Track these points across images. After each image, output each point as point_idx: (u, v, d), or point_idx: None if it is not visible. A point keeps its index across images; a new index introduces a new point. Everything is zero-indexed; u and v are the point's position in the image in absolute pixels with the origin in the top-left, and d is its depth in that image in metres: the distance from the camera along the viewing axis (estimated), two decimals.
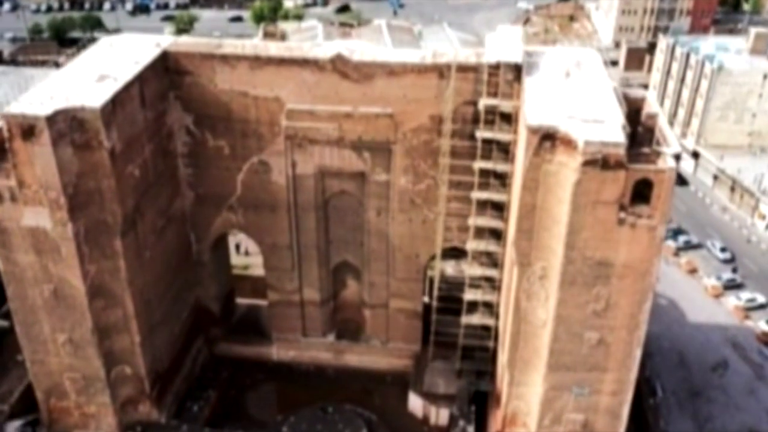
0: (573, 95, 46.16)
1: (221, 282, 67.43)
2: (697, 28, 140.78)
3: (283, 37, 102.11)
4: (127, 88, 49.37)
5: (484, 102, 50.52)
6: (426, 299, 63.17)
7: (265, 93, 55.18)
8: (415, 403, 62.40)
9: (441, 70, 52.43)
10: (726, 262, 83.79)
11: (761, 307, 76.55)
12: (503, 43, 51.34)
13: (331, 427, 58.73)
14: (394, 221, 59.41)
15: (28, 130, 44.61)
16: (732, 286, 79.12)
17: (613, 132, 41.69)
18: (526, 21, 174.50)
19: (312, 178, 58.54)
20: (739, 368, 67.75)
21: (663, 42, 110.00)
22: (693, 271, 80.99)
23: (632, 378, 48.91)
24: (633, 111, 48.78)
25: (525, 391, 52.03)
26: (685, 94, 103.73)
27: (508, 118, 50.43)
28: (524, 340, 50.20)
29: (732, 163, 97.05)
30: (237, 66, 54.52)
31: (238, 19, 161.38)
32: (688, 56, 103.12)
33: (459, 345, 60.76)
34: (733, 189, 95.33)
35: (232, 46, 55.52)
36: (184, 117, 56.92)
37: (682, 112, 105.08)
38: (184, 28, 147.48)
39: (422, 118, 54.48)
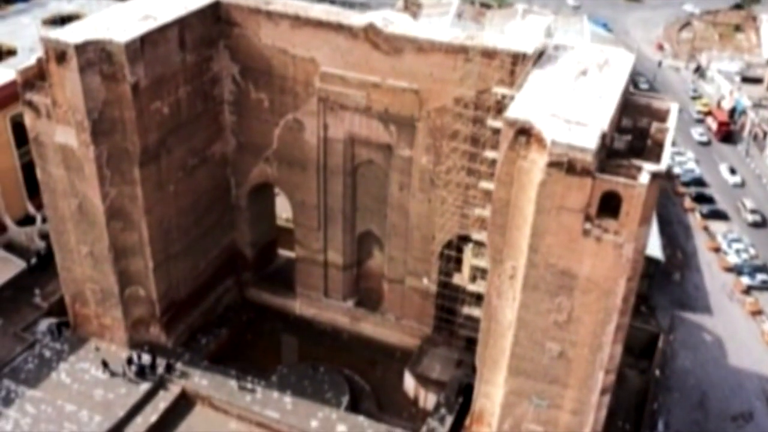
0: (573, 95, 43.81)
1: (260, 230, 70.21)
2: None
3: (418, 7, 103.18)
4: (164, 29, 52.51)
5: (496, 90, 49.19)
6: (427, 283, 62.44)
7: (302, 53, 56.67)
8: (409, 382, 62.41)
9: (468, 53, 51.45)
10: None
11: None
12: (524, 34, 49.43)
13: (315, 386, 60.16)
14: (414, 199, 59.30)
15: (60, 55, 48.93)
16: None
17: (587, 137, 39.34)
18: (685, 25, 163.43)
19: (342, 143, 59.59)
20: (765, 424, 61.24)
21: None
22: (757, 313, 73.77)
23: (594, 400, 46.36)
24: (651, 123, 45.69)
25: (492, 390, 50.87)
26: None
27: None
28: (493, 339, 49.01)
29: None
30: (279, 23, 56.35)
31: None
32: None
33: (458, 335, 60.07)
34: None
35: (278, 3, 57.34)
36: (231, 66, 59.64)
37: None
38: None
39: (446, 99, 53.68)
